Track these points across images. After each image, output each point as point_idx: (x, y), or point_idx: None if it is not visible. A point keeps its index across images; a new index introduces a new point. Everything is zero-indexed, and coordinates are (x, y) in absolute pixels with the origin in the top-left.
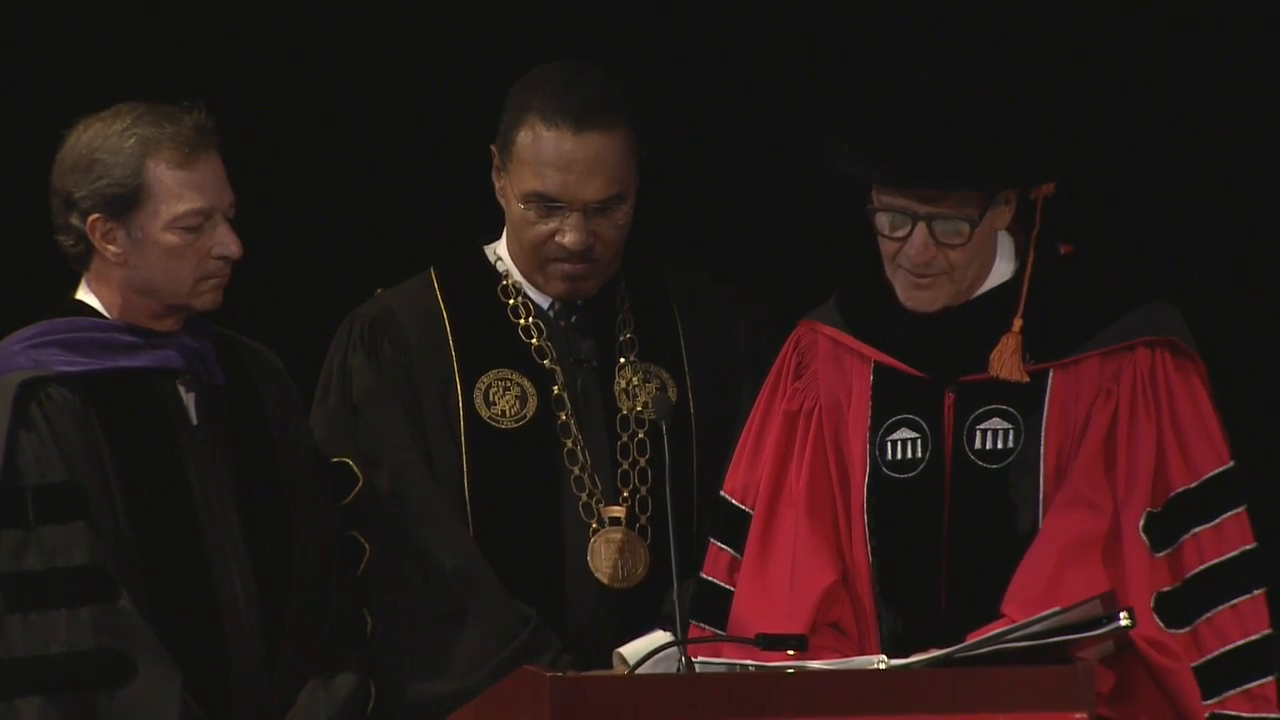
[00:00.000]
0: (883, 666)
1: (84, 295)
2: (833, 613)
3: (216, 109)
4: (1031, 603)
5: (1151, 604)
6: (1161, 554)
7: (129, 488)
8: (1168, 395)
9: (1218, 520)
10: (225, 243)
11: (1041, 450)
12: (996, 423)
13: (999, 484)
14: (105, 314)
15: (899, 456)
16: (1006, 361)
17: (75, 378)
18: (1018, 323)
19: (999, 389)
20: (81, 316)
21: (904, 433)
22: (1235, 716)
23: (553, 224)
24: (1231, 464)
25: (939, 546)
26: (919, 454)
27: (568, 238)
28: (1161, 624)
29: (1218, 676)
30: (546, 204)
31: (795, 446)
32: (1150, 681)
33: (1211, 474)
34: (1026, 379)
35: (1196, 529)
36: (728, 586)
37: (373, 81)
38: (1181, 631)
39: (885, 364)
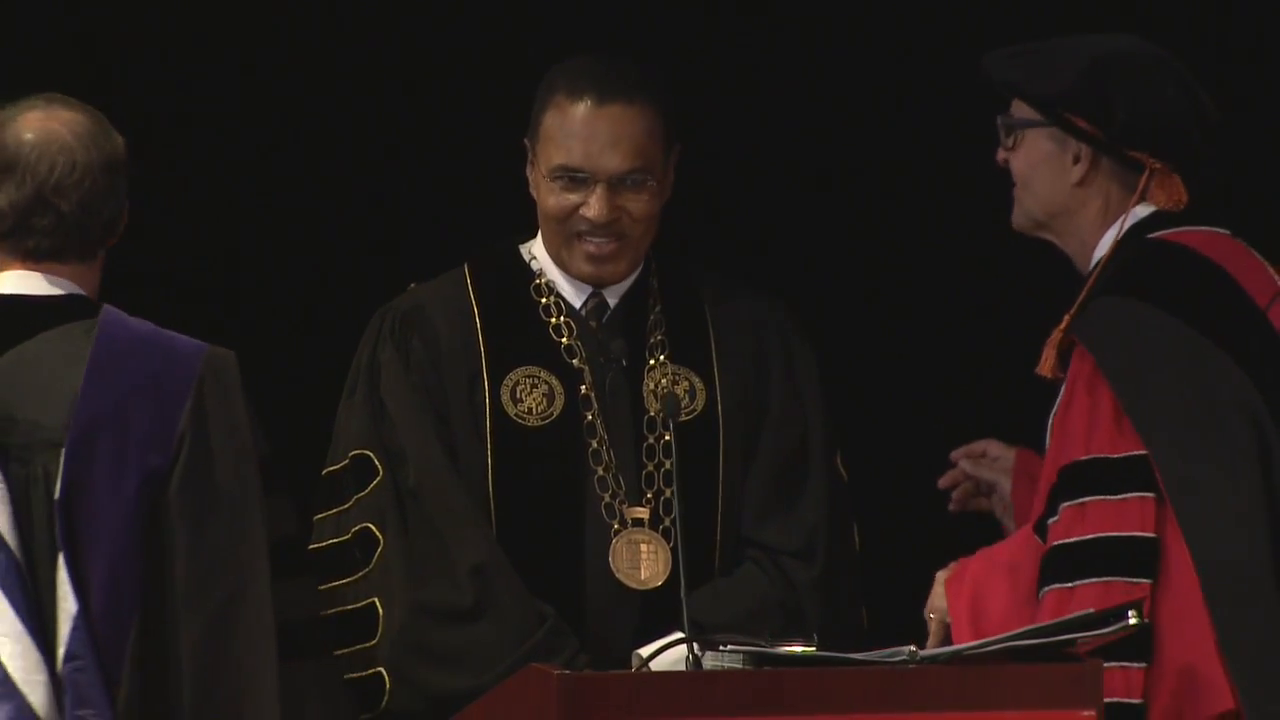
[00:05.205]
0: (910, 660)
1: None
2: None
3: (250, 101)
4: None
5: None
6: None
7: None
8: (1069, 390)
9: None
10: None
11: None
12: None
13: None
14: None
15: None
16: (1046, 357)
17: None
18: (1066, 319)
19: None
20: None
21: None
22: None
23: (577, 197)
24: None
25: None
26: None
27: (592, 209)
28: None
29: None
30: (571, 176)
31: None
32: None
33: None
34: (1061, 376)
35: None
36: None
37: (409, 74)
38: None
39: None
